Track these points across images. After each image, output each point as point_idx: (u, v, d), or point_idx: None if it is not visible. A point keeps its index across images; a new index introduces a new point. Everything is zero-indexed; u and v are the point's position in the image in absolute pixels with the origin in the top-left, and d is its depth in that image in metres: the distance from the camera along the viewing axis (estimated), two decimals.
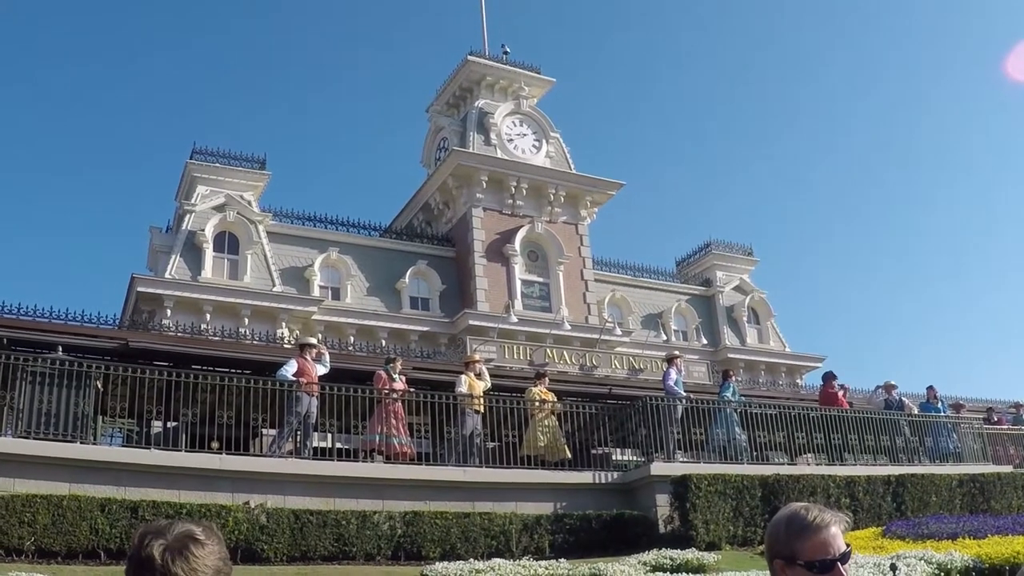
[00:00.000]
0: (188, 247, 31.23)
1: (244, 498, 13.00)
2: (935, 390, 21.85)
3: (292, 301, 31.64)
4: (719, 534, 14.49)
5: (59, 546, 11.23)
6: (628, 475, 16.56)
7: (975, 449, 20.29)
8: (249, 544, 12.14)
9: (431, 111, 41.87)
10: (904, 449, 19.37)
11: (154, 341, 18.60)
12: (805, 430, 18.29)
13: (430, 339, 33.64)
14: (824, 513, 2.45)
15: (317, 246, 34.30)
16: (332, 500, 13.75)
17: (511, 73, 40.38)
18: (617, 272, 40.69)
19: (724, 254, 43.67)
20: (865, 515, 15.94)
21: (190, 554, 1.98)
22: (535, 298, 36.15)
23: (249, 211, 32.57)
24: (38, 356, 13.69)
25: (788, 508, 2.52)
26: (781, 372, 40.80)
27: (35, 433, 12.84)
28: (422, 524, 13.41)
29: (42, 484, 12.06)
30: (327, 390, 15.28)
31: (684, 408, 17.34)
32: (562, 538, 14.20)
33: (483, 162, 36.44)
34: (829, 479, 16.18)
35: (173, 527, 2.02)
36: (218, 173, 33.05)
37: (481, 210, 36.28)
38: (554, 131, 39.55)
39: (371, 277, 34.66)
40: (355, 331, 32.46)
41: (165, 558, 1.95)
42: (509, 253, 35.87)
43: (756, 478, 15.45)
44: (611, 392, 21.02)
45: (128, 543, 1.97)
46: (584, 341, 34.27)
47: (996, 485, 17.91)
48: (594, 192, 38.70)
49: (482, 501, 14.82)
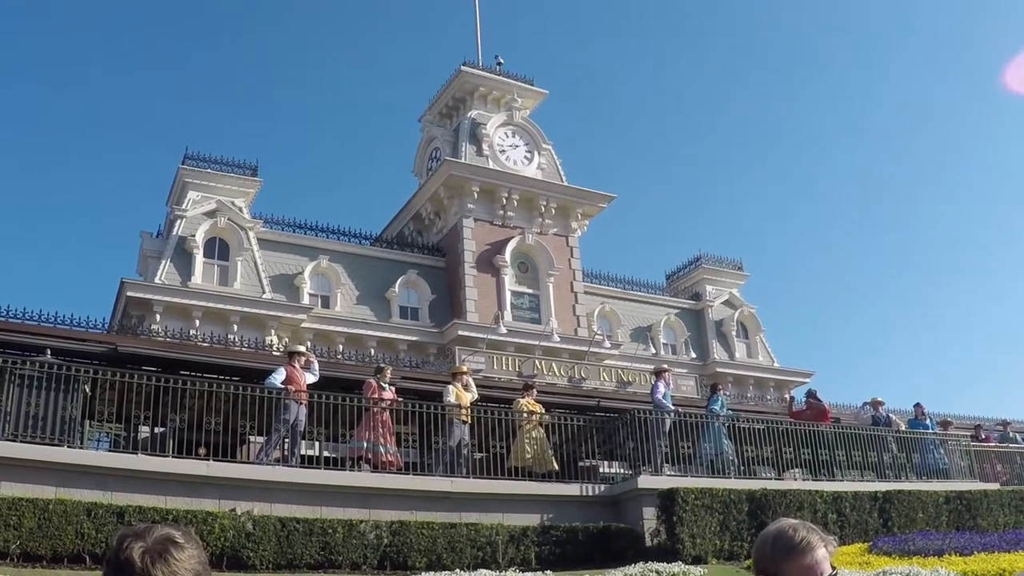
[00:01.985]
0: (178, 252, 31.20)
1: (231, 505, 12.95)
2: (922, 407, 21.92)
3: (282, 308, 31.63)
4: (706, 548, 14.49)
5: (44, 550, 11.18)
6: (615, 488, 16.56)
7: (962, 466, 20.36)
8: (235, 551, 12.11)
9: (424, 121, 41.95)
10: (891, 465, 19.43)
11: (143, 346, 18.52)
12: (792, 445, 18.34)
13: (419, 349, 33.63)
14: (812, 535, 2.42)
15: (307, 254, 34.29)
16: (319, 508, 13.71)
17: (504, 84, 40.52)
18: (607, 285, 40.80)
19: (714, 268, 43.82)
20: (852, 531, 15.97)
21: (170, 557, 1.98)
22: (525, 309, 36.18)
23: (240, 217, 32.57)
24: (26, 359, 13.61)
25: (776, 525, 2.49)
26: (769, 387, 40.91)
27: (22, 436, 12.78)
28: (408, 534, 13.39)
29: (28, 487, 12.00)
30: (315, 398, 15.24)
31: (672, 421, 17.36)
32: (548, 550, 14.18)
33: (475, 173, 36.51)
34: (816, 494, 16.20)
35: (152, 530, 2.02)
36: (210, 179, 33.10)
37: (472, 220, 36.33)
38: (546, 143, 39.66)
39: (361, 286, 34.64)
40: (344, 339, 32.43)
41: (145, 561, 1.95)
42: (499, 264, 35.90)
43: (743, 492, 15.46)
44: (599, 405, 20.99)
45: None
46: (573, 353, 34.31)
47: (983, 502, 17.96)
48: (585, 204, 38.81)
49: (469, 512, 14.79)
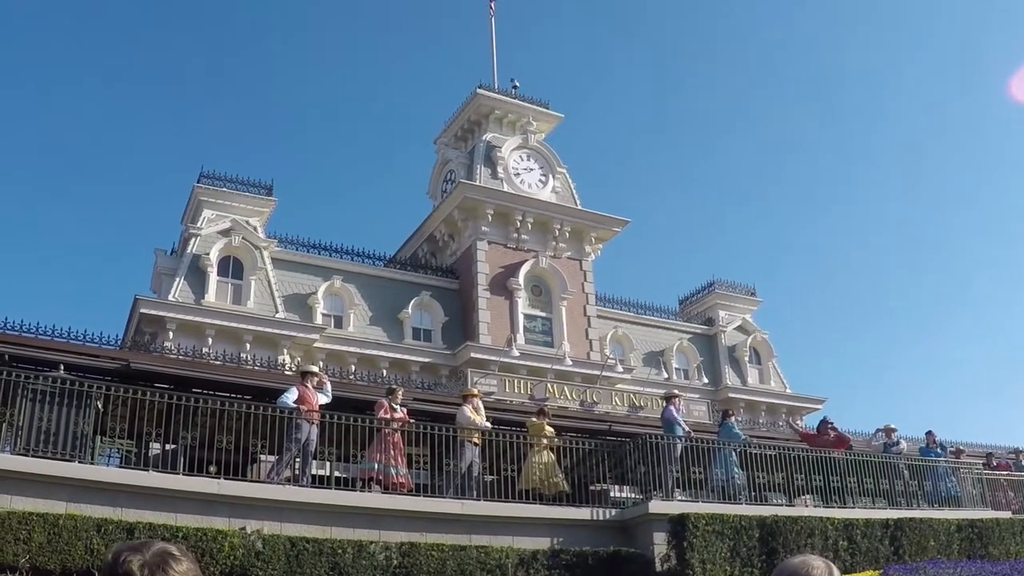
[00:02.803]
0: (192, 270, 31.33)
1: (241, 523, 12.96)
2: (934, 435, 21.82)
3: (294, 328, 31.67)
4: (716, 574, 14.42)
5: (54, 564, 11.21)
6: (626, 512, 16.49)
7: (974, 494, 20.23)
8: (244, 570, 12.11)
9: (438, 143, 42.11)
10: (903, 493, 19.31)
11: (155, 363, 18.59)
12: (804, 471, 18.25)
13: (431, 370, 33.61)
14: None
15: (321, 274, 34.38)
16: (329, 529, 13.70)
17: (520, 107, 40.65)
18: (620, 309, 40.75)
19: (727, 294, 43.73)
20: (863, 558, 15.87)
21: (169, 569, 2.00)
22: (537, 332, 36.16)
23: (254, 236, 32.70)
24: (39, 374, 13.69)
25: (791, 565, 2.49)
26: (781, 413, 40.66)
27: (34, 451, 12.84)
28: (418, 555, 13.36)
29: (39, 502, 12.05)
30: (327, 418, 15.26)
31: (684, 446, 17.30)
32: (558, 574, 14.13)
33: (489, 195, 36.59)
34: (827, 521, 16.11)
35: (148, 545, 2.04)
36: (225, 198, 33.24)
37: (486, 243, 36.37)
38: (561, 166, 39.72)
39: (374, 307, 34.69)
40: (356, 360, 32.44)
41: (144, 574, 1.98)
42: (513, 287, 35.92)
43: (754, 519, 15.39)
44: (611, 428, 20.94)
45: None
46: (585, 377, 34.24)
47: (995, 531, 17.84)
48: (599, 228, 38.83)
49: (479, 534, 14.75)
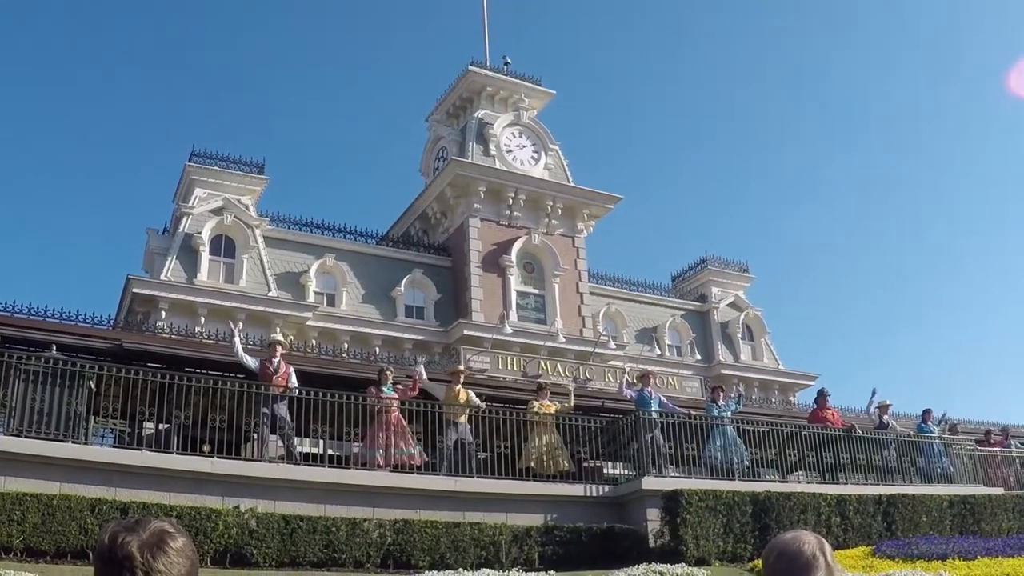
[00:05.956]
0: (184, 250, 31.24)
1: (234, 502, 12.96)
2: (931, 412, 21.83)
3: (287, 306, 31.66)
4: (709, 549, 14.47)
5: (48, 545, 11.20)
6: (619, 489, 16.55)
7: (967, 471, 20.31)
8: (238, 548, 12.13)
9: (431, 120, 41.97)
10: (896, 469, 19.38)
11: (148, 343, 18.54)
12: (797, 448, 18.29)
13: (424, 348, 33.62)
14: (815, 560, 2.38)
15: (313, 252, 34.32)
16: (323, 506, 13.72)
17: (512, 84, 40.50)
18: (613, 286, 40.76)
19: (720, 270, 43.76)
20: (855, 534, 15.94)
21: (168, 548, 1.97)
22: (530, 310, 36.19)
23: (246, 215, 32.61)
24: (32, 355, 13.64)
25: (783, 540, 2.47)
26: (774, 389, 40.86)
27: (27, 431, 12.80)
28: (412, 533, 13.38)
29: (33, 483, 12.03)
30: (319, 396, 15.25)
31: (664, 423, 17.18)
32: (552, 550, 14.17)
33: (481, 172, 36.50)
34: (820, 497, 16.16)
35: (144, 524, 2.01)
36: (216, 176, 33.11)
37: (478, 220, 36.32)
38: (553, 143, 39.64)
39: (367, 284, 34.67)
40: (349, 338, 32.46)
41: (146, 555, 1.94)
42: (505, 264, 35.90)
43: (747, 495, 15.44)
44: (604, 405, 20.96)
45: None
46: (578, 354, 34.28)
47: (987, 507, 17.92)
48: (592, 205, 38.79)
49: (473, 511, 14.78)
